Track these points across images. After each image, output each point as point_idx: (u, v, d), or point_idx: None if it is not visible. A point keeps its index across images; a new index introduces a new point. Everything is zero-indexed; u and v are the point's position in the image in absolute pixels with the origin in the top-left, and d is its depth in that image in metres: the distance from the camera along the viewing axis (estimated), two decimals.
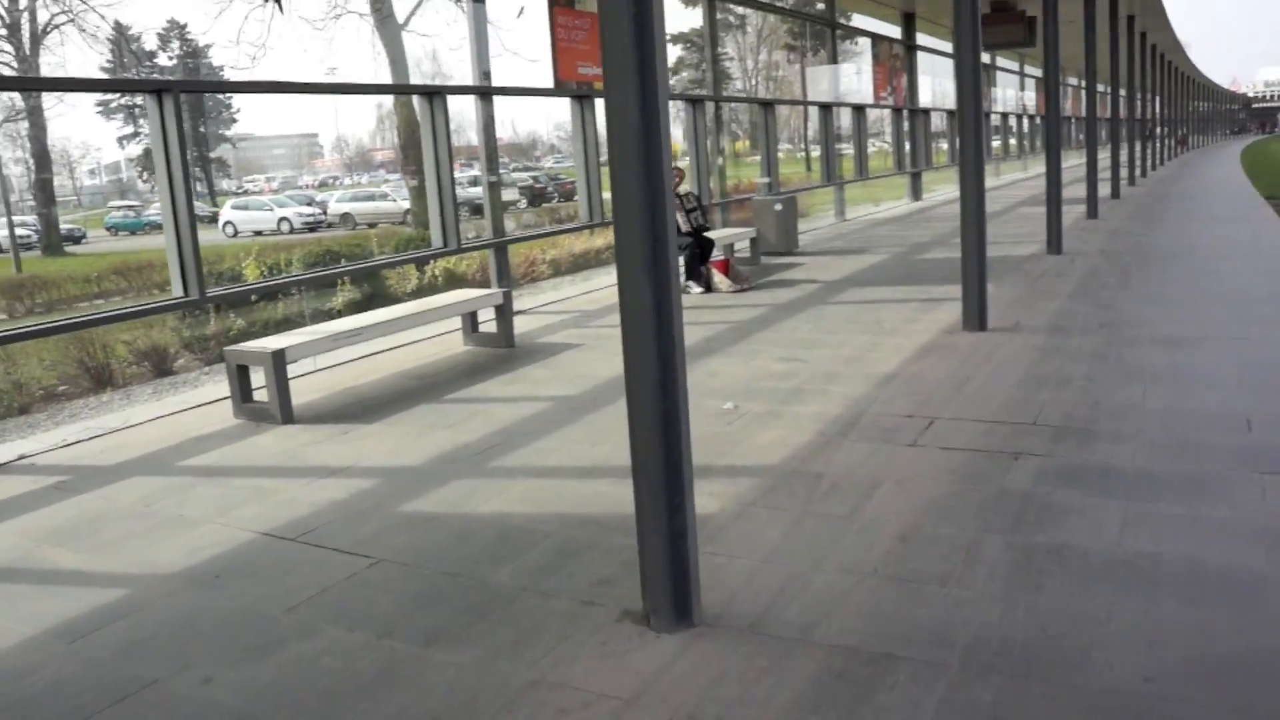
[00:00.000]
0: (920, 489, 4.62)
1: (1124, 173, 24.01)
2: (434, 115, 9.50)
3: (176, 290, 7.28)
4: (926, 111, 22.76)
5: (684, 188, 11.68)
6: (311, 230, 39.21)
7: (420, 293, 12.67)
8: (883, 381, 6.67)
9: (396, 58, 23.61)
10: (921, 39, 22.88)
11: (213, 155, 72.22)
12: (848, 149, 22.22)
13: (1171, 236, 14.39)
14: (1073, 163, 28.40)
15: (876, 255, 13.76)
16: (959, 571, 3.74)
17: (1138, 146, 27.07)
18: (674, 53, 62.42)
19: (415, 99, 9.67)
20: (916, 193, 23.33)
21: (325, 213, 41.41)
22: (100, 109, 71.17)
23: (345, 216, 40.26)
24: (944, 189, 25.74)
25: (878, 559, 3.89)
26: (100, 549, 4.63)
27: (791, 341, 8.19)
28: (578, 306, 10.80)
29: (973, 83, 8.01)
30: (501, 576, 4.02)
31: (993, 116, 30.87)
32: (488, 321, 8.94)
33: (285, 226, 40.30)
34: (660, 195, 3.34)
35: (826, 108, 18.31)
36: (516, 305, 10.93)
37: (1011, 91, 36.38)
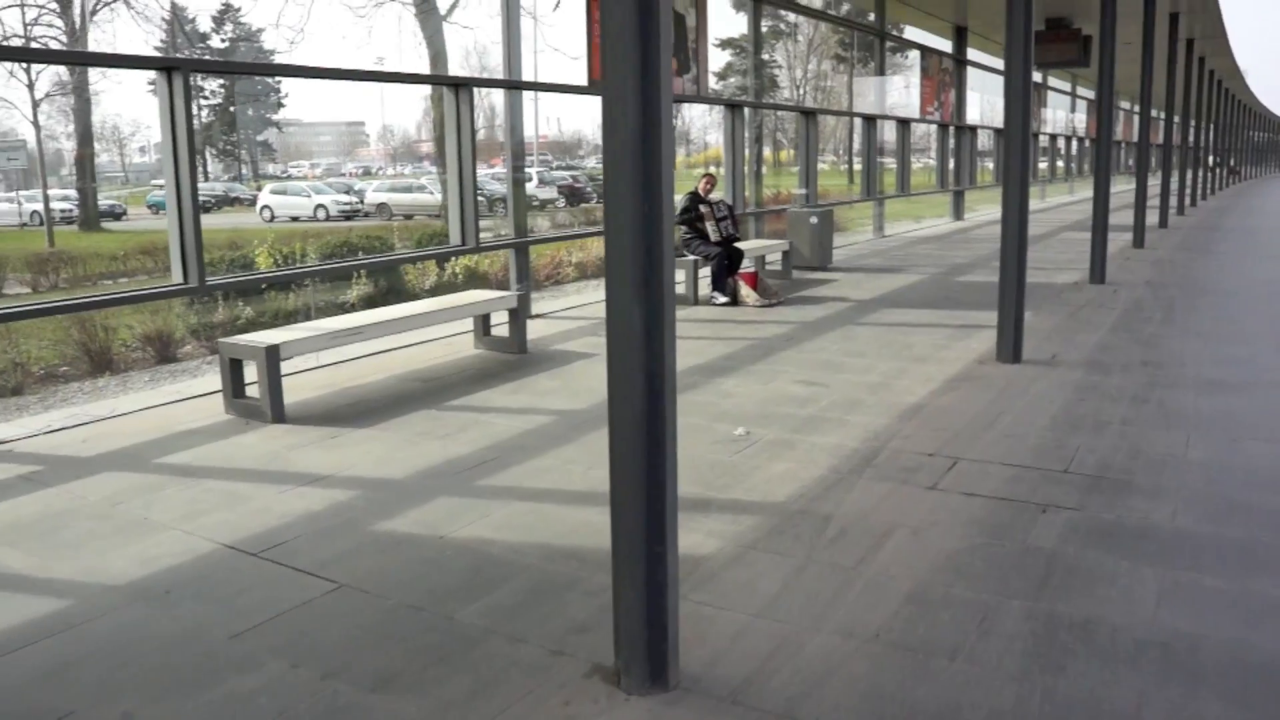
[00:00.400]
0: (937, 540, 4.23)
1: (1173, 201, 23.36)
2: (459, 107, 9.18)
3: (176, 277, 6.99)
4: (974, 129, 22.23)
5: (715, 195, 11.30)
6: (348, 219, 39.10)
7: (438, 290, 12.37)
8: (907, 414, 6.26)
9: (439, 50, 23.38)
10: (972, 54, 22.35)
11: (259, 139, 72.63)
12: (891, 163, 21.77)
13: (1221, 271, 13.84)
14: (1120, 188, 27.75)
15: (913, 275, 13.32)
16: (971, 643, 3.34)
17: (1189, 175, 26.36)
18: (722, 58, 61.93)
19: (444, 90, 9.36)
20: (959, 211, 22.80)
21: (362, 202, 41.32)
22: (151, 87, 71.75)
23: (382, 206, 40.16)
24: (987, 209, 25.17)
25: (882, 622, 3.51)
26: (53, 552, 4.33)
27: (815, 363, 7.80)
28: (597, 313, 10.44)
29: (1022, 101, 7.59)
30: (469, 614, 3.67)
31: (1041, 137, 30.24)
32: (500, 325, 8.61)
33: (322, 214, 40.24)
34: (658, 207, 2.99)
35: (870, 120, 17.86)
36: (536, 308, 10.63)
37: (1062, 113, 35.71)
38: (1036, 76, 26.98)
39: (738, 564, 4.05)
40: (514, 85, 10.02)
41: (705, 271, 10.89)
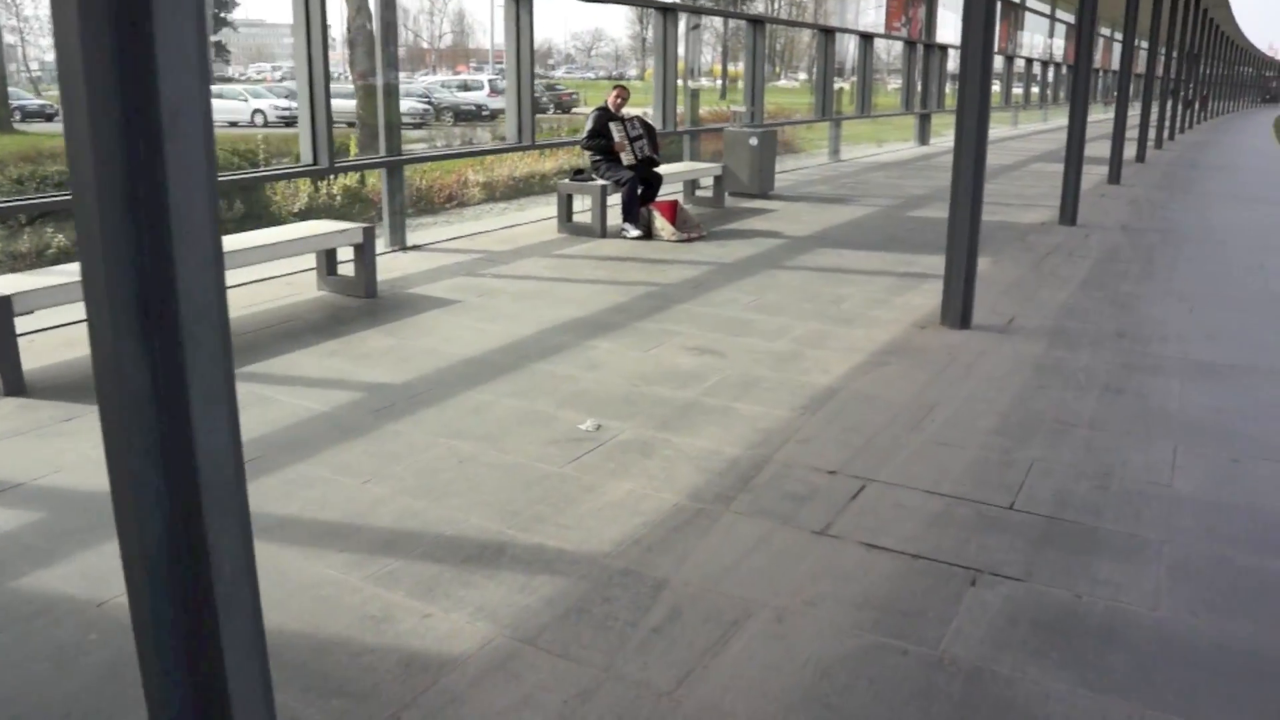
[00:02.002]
0: (808, 638, 2.83)
1: (1151, 135, 21.90)
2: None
3: None
4: (944, 48, 20.55)
5: (629, 111, 9.72)
6: (288, 125, 36.89)
7: (309, 215, 10.74)
8: (813, 402, 4.84)
9: None
10: None
11: (213, 39, 69.32)
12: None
13: (1205, 214, 12.44)
14: (1095, 118, 26.23)
15: (862, 207, 11.82)
16: None
17: (1168, 107, 24.86)
18: None
19: None
20: (924, 136, 21.24)
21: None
22: None
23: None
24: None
25: None
26: None
27: (718, 321, 6.35)
28: (486, 246, 8.91)
29: (984, 12, 6.04)
30: None
31: (1017, 61, 28.56)
32: (349, 262, 7.08)
33: (259, 119, 37.95)
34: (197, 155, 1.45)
35: (828, 33, 16.19)
36: (417, 237, 9.11)
37: (1040, 37, 33.99)
38: None
39: (498, 679, 2.64)
40: None
41: (616, 199, 9.36)
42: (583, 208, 9.57)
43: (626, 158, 9.36)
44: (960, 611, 2.97)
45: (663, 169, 9.95)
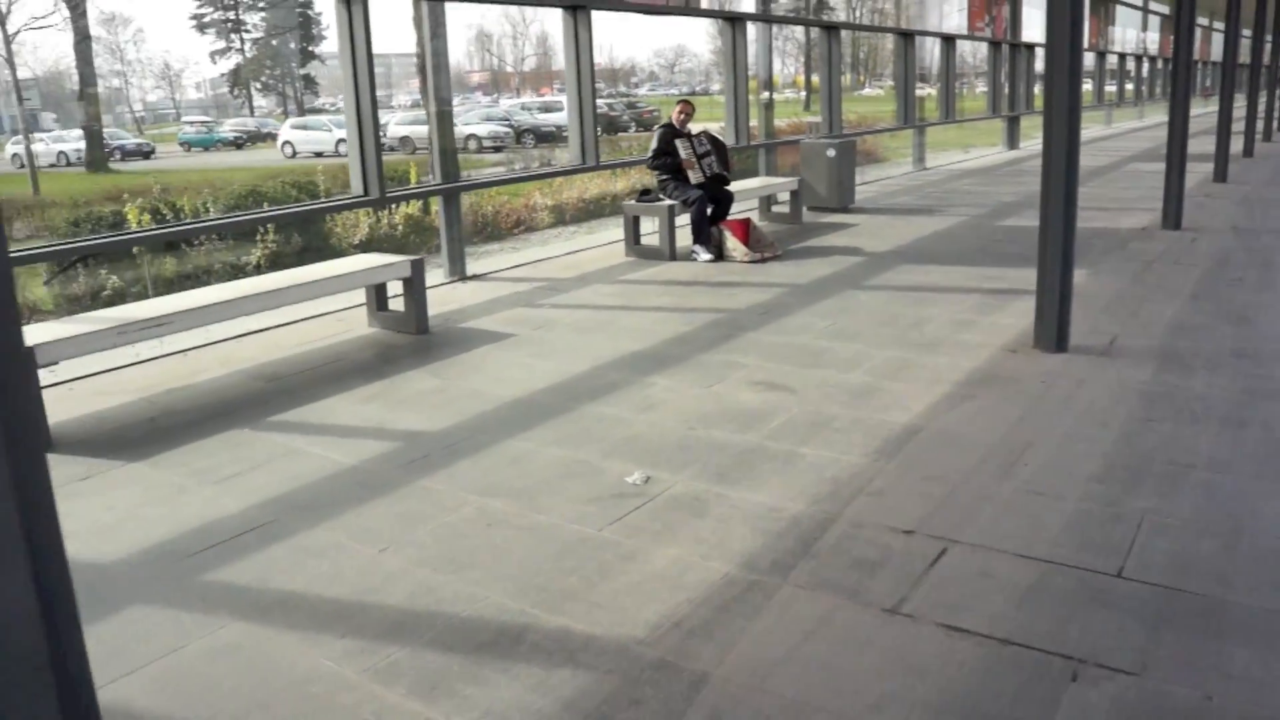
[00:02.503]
0: None
1: (1259, 127, 20.69)
2: (351, 19, 7.27)
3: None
4: (1030, 47, 19.69)
5: (695, 127, 9.29)
6: None
7: (368, 246, 10.49)
8: (890, 444, 4.33)
9: None
10: None
11: (301, 72, 70.96)
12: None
13: None
14: (1195, 112, 24.97)
15: (948, 218, 11.19)
16: None
17: (1276, 99, 23.51)
18: None
19: None
20: (1013, 140, 20.37)
21: (385, 135, 39.46)
22: (194, 22, 70.15)
23: (404, 140, 38.27)
24: None
25: None
26: None
27: (789, 351, 5.86)
28: (550, 273, 8.55)
29: (1069, 4, 5.46)
30: None
31: (1108, 57, 27.39)
32: (400, 296, 6.78)
33: (343, 148, 38.49)
34: None
35: (907, 36, 15.56)
36: (479, 265, 8.82)
37: (1132, 31, 32.61)
38: None
39: None
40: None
41: (686, 220, 8.92)
42: (651, 230, 9.15)
43: (694, 175, 8.93)
44: (1058, 718, 2.45)
45: (735, 185, 9.50)
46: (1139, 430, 4.40)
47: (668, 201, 8.95)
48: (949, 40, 16.93)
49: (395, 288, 6.76)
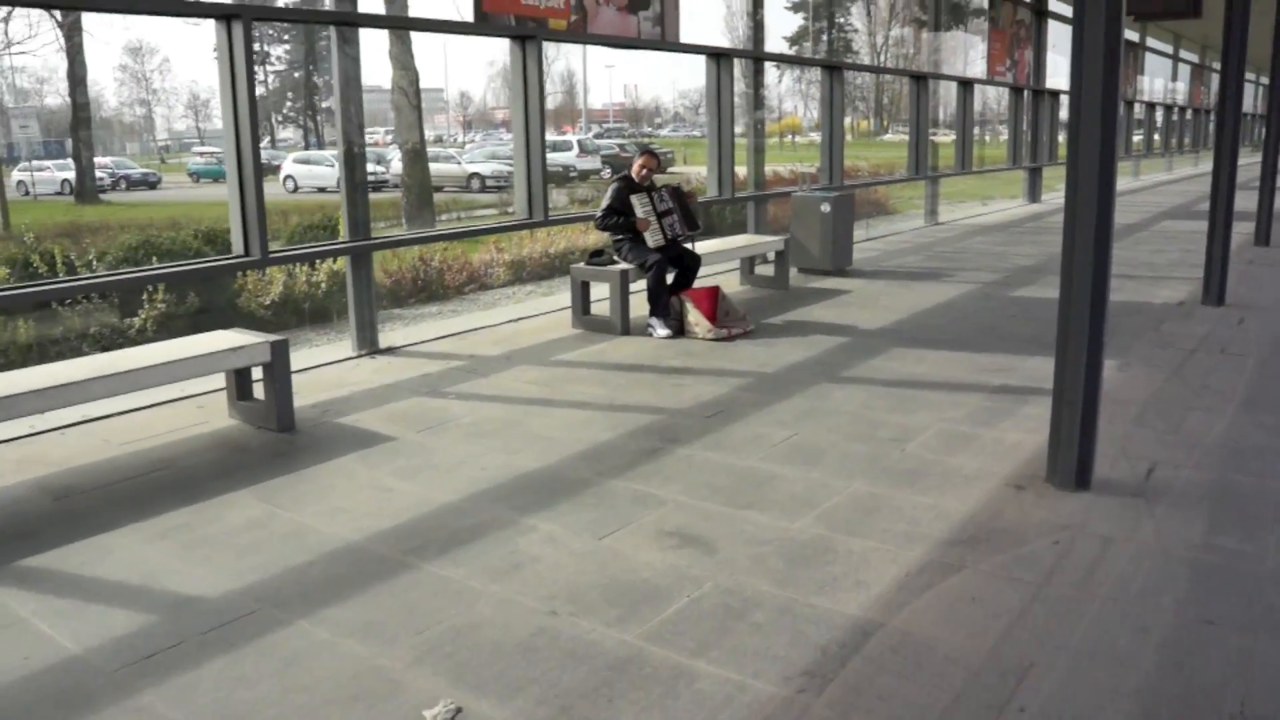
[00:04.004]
0: None
1: None
2: (231, 47, 6.04)
3: None
4: (1055, 94, 18.39)
5: (661, 180, 8.01)
6: (376, 190, 36.39)
7: (281, 306, 9.14)
8: (828, 661, 2.97)
9: None
10: (1056, 5, 18.46)
11: (324, 105, 70.59)
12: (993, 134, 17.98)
13: None
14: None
15: (956, 284, 9.84)
16: None
17: None
18: (793, 21, 58.01)
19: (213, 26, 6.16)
20: (1034, 193, 19.02)
21: (389, 172, 38.58)
22: (217, 54, 70.10)
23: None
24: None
25: None
26: None
27: (728, 479, 4.52)
28: (476, 348, 7.25)
29: (1105, 47, 4.11)
30: None
31: (1135, 107, 26.04)
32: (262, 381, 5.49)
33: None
34: None
35: (920, 79, 14.30)
36: (405, 334, 7.55)
37: (1160, 81, 31.25)
38: (1131, 35, 22.91)
39: None
40: (338, 19, 6.83)
41: (643, 285, 7.61)
42: (603, 296, 7.83)
43: (653, 237, 7.63)
44: None
45: (710, 244, 8.21)
46: (1194, 643, 3.02)
47: (621, 265, 7.65)
48: (965, 84, 15.65)
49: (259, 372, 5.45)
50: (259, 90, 6.30)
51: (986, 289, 9.58)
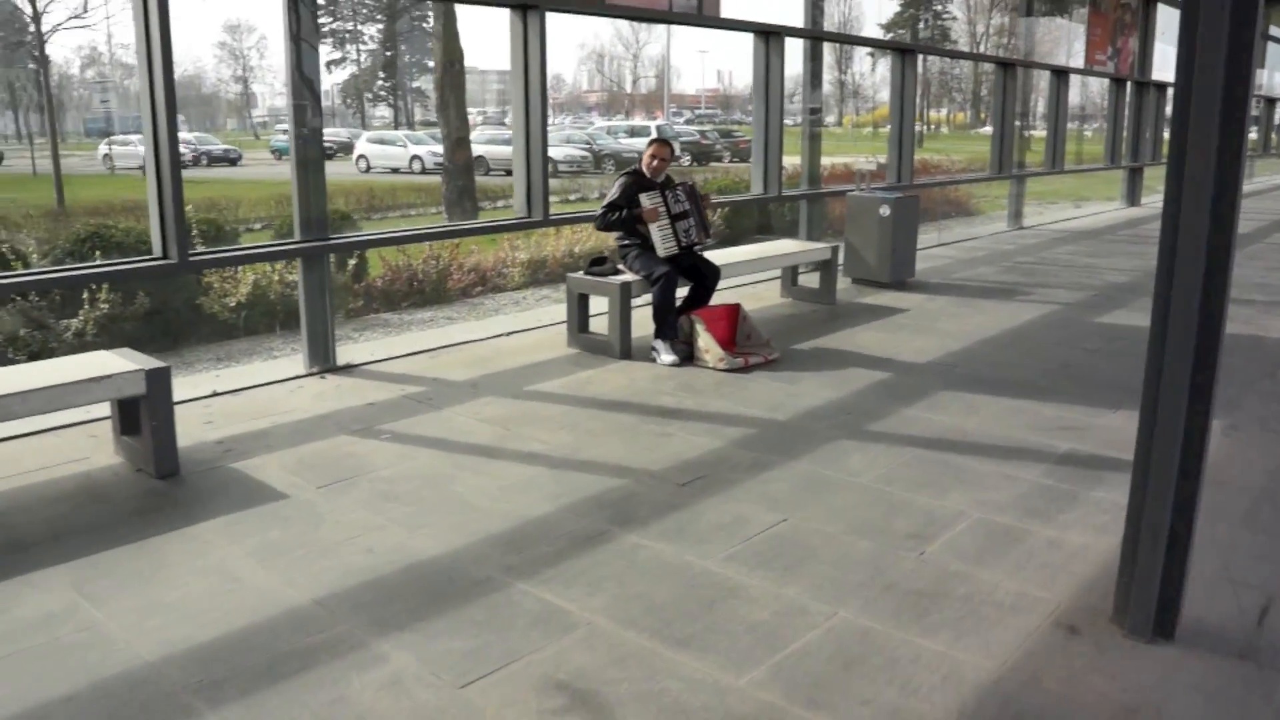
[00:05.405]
0: None
1: None
2: (148, 26, 5.03)
3: None
4: (1161, 86, 16.67)
5: (680, 176, 6.87)
6: (424, 173, 35.82)
7: (250, 309, 8.11)
8: None
9: None
10: None
11: (413, 85, 70.56)
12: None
13: None
14: None
15: (1032, 304, 8.50)
16: None
17: None
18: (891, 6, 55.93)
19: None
20: (1134, 195, 17.34)
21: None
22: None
23: (479, 159, 36.46)
24: None
25: None
26: None
27: (672, 592, 3.40)
28: (446, 369, 6.21)
29: (1230, 19, 2.83)
30: None
31: (1251, 101, 23.92)
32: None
33: (417, 165, 37.09)
34: None
35: (1007, 66, 12.85)
36: (373, 348, 6.56)
37: (1265, 73, 28.83)
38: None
39: None
40: None
41: (649, 300, 6.49)
42: (604, 310, 6.71)
43: (663, 244, 6.48)
44: None
45: (739, 252, 7.04)
46: None
47: (624, 276, 6.52)
48: (1060, 74, 14.12)
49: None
50: (352, 69, 5.44)
51: (1067, 312, 8.22)
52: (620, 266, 6.64)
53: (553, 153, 35.91)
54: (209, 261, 6.20)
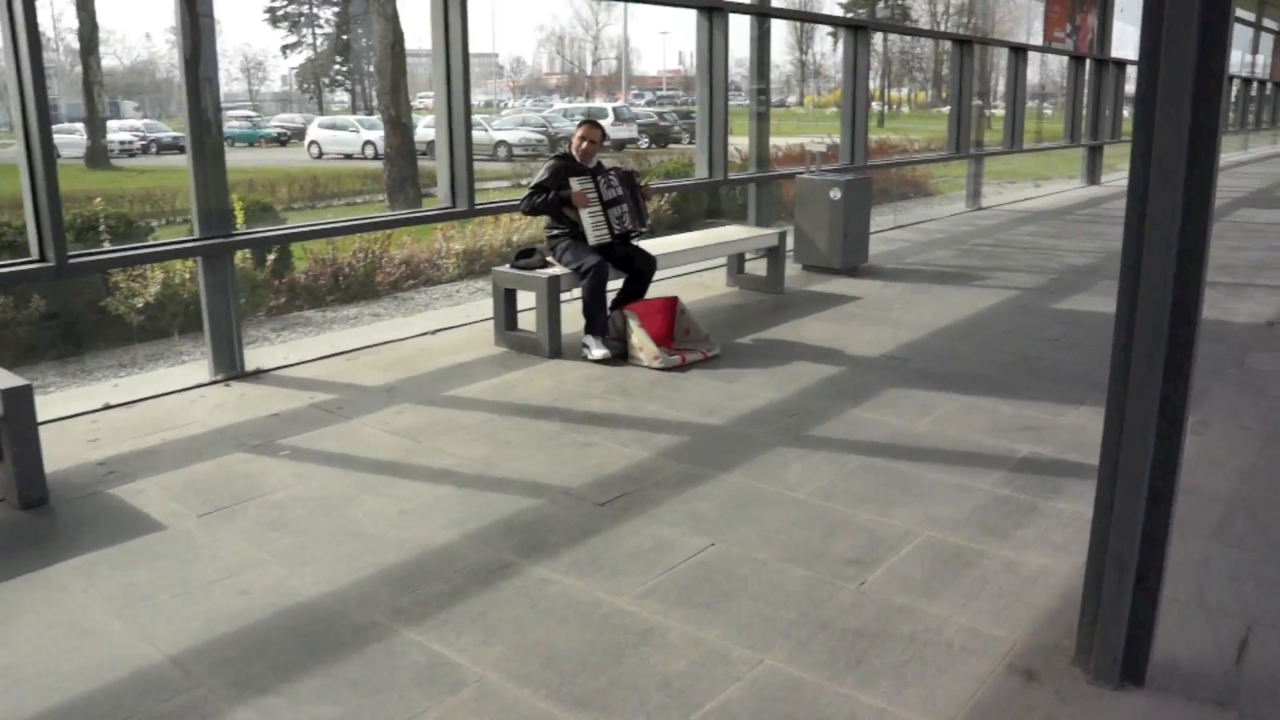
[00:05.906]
0: None
1: None
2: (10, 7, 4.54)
3: None
4: (1120, 64, 16.40)
5: (610, 161, 6.46)
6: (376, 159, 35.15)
7: (158, 311, 7.55)
8: None
9: None
10: None
11: (369, 69, 69.39)
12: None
13: None
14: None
15: (989, 290, 8.16)
16: None
17: None
18: None
19: None
20: (1093, 174, 17.10)
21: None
22: (267, 16, 69.06)
23: (434, 144, 35.81)
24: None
25: None
26: None
27: (583, 636, 3.03)
28: (362, 372, 5.76)
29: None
30: None
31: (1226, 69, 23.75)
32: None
33: (370, 150, 36.36)
34: None
35: (964, 43, 12.51)
36: (287, 351, 6.10)
37: (1236, 53, 28.79)
38: None
39: None
40: None
41: (579, 294, 6.07)
42: (532, 306, 6.28)
43: (595, 232, 6.07)
44: None
45: (683, 240, 6.63)
46: None
47: (552, 270, 6.09)
48: (1018, 51, 13.79)
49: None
50: (308, 54, 4.91)
51: (1026, 297, 7.89)
52: (549, 259, 6.21)
53: (507, 136, 35.30)
54: (93, 264, 5.70)
